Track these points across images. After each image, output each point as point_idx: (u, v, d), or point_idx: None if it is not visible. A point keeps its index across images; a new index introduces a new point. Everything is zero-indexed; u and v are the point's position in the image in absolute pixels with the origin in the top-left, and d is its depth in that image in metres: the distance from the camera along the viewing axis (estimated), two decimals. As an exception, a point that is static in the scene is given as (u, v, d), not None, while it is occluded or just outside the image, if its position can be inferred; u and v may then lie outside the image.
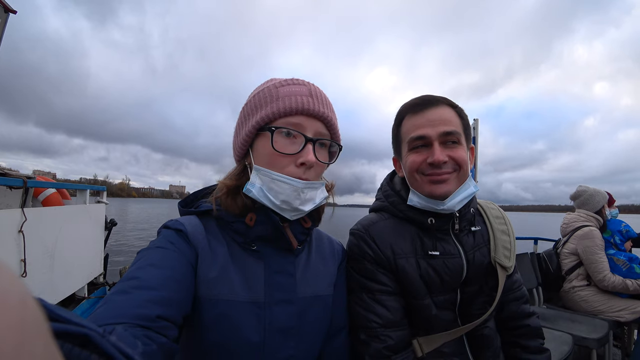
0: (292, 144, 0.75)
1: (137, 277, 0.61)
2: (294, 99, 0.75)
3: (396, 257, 0.94)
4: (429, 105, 0.93)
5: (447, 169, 0.91)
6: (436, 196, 0.91)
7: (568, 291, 2.64)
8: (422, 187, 0.94)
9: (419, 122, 0.93)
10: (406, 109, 0.98)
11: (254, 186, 0.75)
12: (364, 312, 0.92)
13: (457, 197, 0.93)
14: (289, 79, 0.80)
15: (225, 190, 0.78)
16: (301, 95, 0.76)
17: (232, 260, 0.75)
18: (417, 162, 0.93)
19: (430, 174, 0.91)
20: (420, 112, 0.94)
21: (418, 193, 0.95)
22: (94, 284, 3.22)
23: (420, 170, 0.93)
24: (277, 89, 0.77)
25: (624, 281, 2.38)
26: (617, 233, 2.62)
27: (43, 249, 2.28)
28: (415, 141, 0.93)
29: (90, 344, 0.28)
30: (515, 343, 1.06)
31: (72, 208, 2.84)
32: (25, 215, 2.01)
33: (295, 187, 0.74)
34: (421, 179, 0.94)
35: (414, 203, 0.96)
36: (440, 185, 0.91)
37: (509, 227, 1.07)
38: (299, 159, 0.74)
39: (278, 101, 0.75)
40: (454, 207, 0.93)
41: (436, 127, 0.91)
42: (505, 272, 0.99)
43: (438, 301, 0.95)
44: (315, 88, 0.80)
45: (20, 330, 0.14)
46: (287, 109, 0.74)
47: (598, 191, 2.70)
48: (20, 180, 2.01)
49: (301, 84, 0.79)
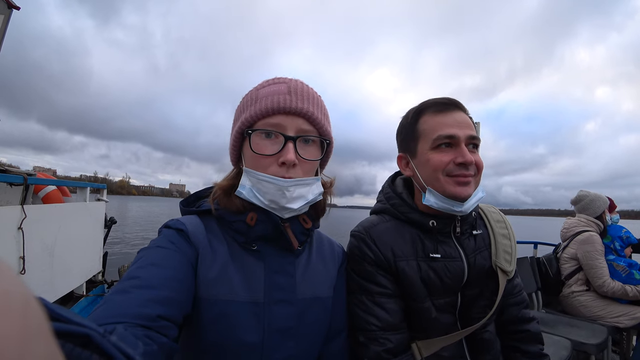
0: (273, 144, 0.75)
1: (138, 277, 0.61)
2: (270, 99, 0.75)
3: (397, 259, 0.94)
4: (456, 107, 0.94)
5: (471, 172, 0.91)
6: (459, 198, 0.90)
7: (567, 296, 2.63)
8: (446, 187, 0.91)
9: (447, 122, 0.92)
10: (430, 105, 0.97)
11: (244, 187, 0.76)
12: (364, 314, 0.91)
13: (472, 200, 0.93)
14: (271, 79, 0.80)
15: (221, 191, 0.79)
16: (278, 94, 0.75)
17: (232, 260, 0.76)
18: (444, 162, 0.91)
19: (458, 175, 0.91)
20: (448, 112, 0.94)
21: (437, 193, 0.93)
22: (92, 282, 3.22)
23: (447, 171, 0.91)
24: (257, 91, 0.78)
25: (623, 287, 2.38)
26: (618, 239, 2.62)
27: (42, 246, 2.27)
28: (444, 139, 0.92)
29: (91, 344, 0.28)
30: (515, 348, 1.05)
31: (72, 205, 2.84)
32: (25, 212, 2.00)
33: (279, 186, 0.73)
34: (445, 180, 0.92)
35: (431, 203, 0.94)
36: (465, 187, 0.91)
37: (510, 232, 1.07)
38: (280, 159, 0.74)
39: (256, 103, 0.76)
40: (468, 209, 0.93)
41: (464, 130, 0.91)
42: (506, 276, 0.99)
43: (438, 304, 0.95)
44: (296, 84, 0.78)
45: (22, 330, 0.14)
46: (263, 110, 0.74)
47: (599, 196, 2.70)
48: (21, 177, 2.01)
49: (281, 82, 0.78)
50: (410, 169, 1.01)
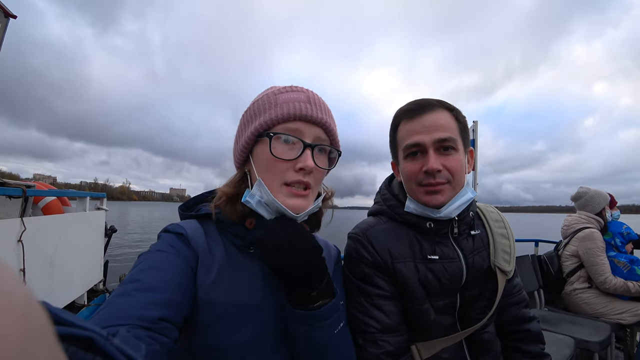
0: (291, 150, 0.75)
1: (139, 280, 0.62)
2: (292, 105, 0.75)
3: (394, 261, 0.94)
4: (424, 110, 0.92)
5: (440, 179, 0.90)
6: (431, 206, 0.92)
7: (569, 293, 2.63)
8: (418, 196, 0.94)
9: (413, 128, 0.93)
10: (401, 114, 0.97)
11: (254, 197, 0.76)
12: (362, 316, 0.91)
13: (454, 204, 0.92)
14: (288, 86, 0.81)
15: (225, 198, 0.79)
16: (299, 102, 0.76)
17: (230, 263, 0.76)
18: (413, 172, 0.93)
19: (426, 184, 0.91)
20: (416, 118, 0.93)
21: (414, 200, 0.96)
22: (93, 291, 3.22)
23: (418, 180, 0.93)
24: (275, 96, 0.78)
25: (625, 283, 2.37)
26: (618, 235, 2.61)
27: (42, 258, 2.27)
28: (411, 148, 0.93)
29: (94, 347, 0.29)
30: (515, 348, 1.05)
31: (71, 216, 2.84)
32: (25, 225, 2.01)
33: (290, 215, 0.75)
34: (417, 189, 0.94)
35: (411, 210, 0.96)
36: (435, 196, 0.91)
37: (509, 231, 1.07)
38: (298, 164, 0.74)
39: (277, 107, 0.76)
40: (450, 214, 0.93)
41: (431, 134, 0.90)
42: (505, 276, 0.99)
43: (437, 306, 0.95)
44: (313, 95, 0.80)
45: (23, 331, 0.14)
46: (285, 115, 0.75)
47: (599, 193, 2.69)
48: (20, 189, 2.02)
49: (300, 91, 0.79)
50: (399, 175, 1.04)
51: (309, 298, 0.70)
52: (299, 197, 0.75)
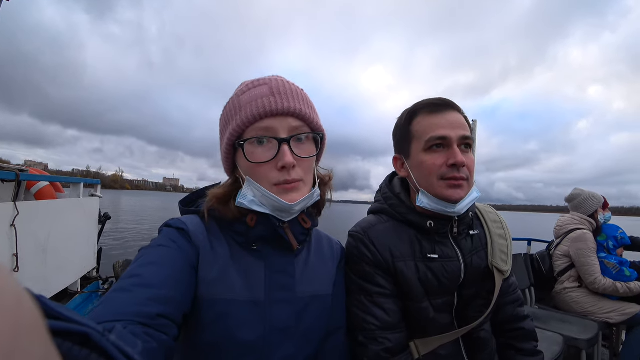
0: (268, 150, 0.73)
1: (138, 275, 0.61)
2: (254, 104, 0.72)
3: (395, 260, 0.94)
4: (449, 108, 0.94)
5: (463, 174, 0.91)
6: (452, 200, 0.91)
7: (560, 292, 2.68)
8: (438, 190, 0.92)
9: (439, 123, 0.92)
10: (422, 107, 0.96)
11: (246, 197, 0.75)
12: (362, 314, 0.92)
13: (466, 201, 0.93)
14: (251, 82, 0.77)
15: (215, 200, 0.77)
16: (262, 97, 0.73)
17: (232, 260, 0.76)
18: (437, 165, 0.91)
19: (451, 177, 0.90)
20: (440, 113, 0.93)
21: (429, 195, 0.94)
22: (87, 279, 3.20)
23: (440, 174, 0.91)
24: (239, 98, 0.75)
25: (614, 284, 2.42)
26: (612, 239, 2.66)
27: (36, 244, 2.25)
28: (435, 141, 0.92)
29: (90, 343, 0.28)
30: (510, 345, 1.07)
31: (65, 202, 2.81)
32: (18, 209, 1.98)
33: (284, 206, 0.73)
34: (438, 183, 0.92)
35: (424, 204, 0.94)
36: (457, 190, 0.91)
37: (506, 232, 1.08)
38: (279, 163, 0.72)
39: (241, 111, 0.73)
40: (461, 210, 0.93)
41: (456, 130, 0.91)
42: (502, 275, 1.00)
43: (436, 304, 0.95)
44: (277, 83, 0.75)
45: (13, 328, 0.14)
46: (250, 117, 0.72)
47: (593, 195, 2.73)
48: (13, 173, 1.98)
49: (262, 84, 0.75)
50: (405, 170, 1.01)
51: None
52: (290, 192, 0.74)
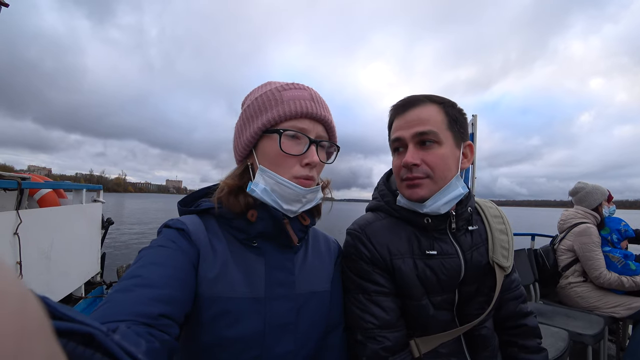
0: (297, 145, 0.79)
1: (140, 275, 0.61)
2: (298, 102, 0.78)
3: (392, 257, 0.94)
4: (410, 106, 0.94)
5: (418, 174, 0.91)
6: (413, 200, 0.94)
7: (564, 287, 2.66)
8: (402, 191, 0.97)
9: (398, 124, 0.95)
10: (391, 111, 1.00)
11: (258, 186, 0.78)
12: (361, 312, 0.92)
13: (441, 199, 0.91)
14: (290, 83, 0.83)
15: (227, 189, 0.80)
16: (304, 100, 0.80)
17: (232, 257, 0.77)
18: (397, 166, 0.96)
19: (406, 178, 0.93)
20: (401, 114, 0.95)
21: (402, 195, 0.98)
22: (91, 284, 3.22)
23: (400, 175, 0.95)
24: (280, 93, 0.80)
25: (619, 278, 2.40)
26: (616, 232, 2.64)
27: (39, 251, 2.26)
28: (394, 143, 0.96)
29: (94, 343, 0.28)
30: (513, 342, 1.06)
31: (68, 208, 2.82)
32: (21, 218, 1.99)
33: (297, 193, 0.78)
34: (401, 184, 0.96)
35: (402, 204, 0.98)
36: (415, 190, 0.92)
37: (507, 227, 1.06)
38: (305, 160, 0.78)
39: (283, 104, 0.78)
40: (438, 209, 0.92)
41: (411, 128, 0.91)
42: (504, 272, 0.99)
43: (435, 301, 0.95)
44: (315, 92, 0.83)
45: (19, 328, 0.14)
46: (292, 112, 0.78)
47: (597, 188, 2.70)
48: (15, 182, 1.99)
49: (302, 89, 0.82)
50: None
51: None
52: (305, 186, 0.80)
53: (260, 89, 0.84)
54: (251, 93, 0.87)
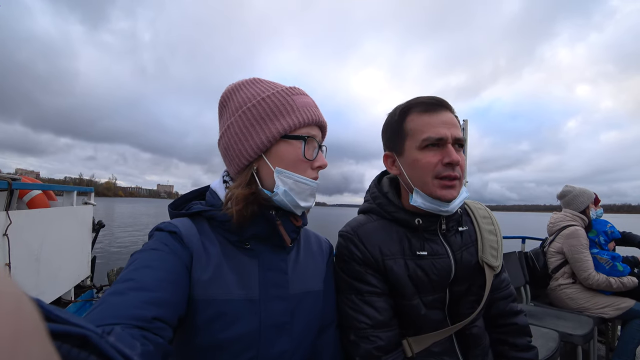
0: (311, 150, 0.83)
1: (133, 279, 0.61)
2: (309, 110, 0.82)
3: (384, 258, 0.95)
4: (442, 107, 0.94)
5: (456, 173, 0.92)
6: (446, 200, 0.91)
7: (554, 289, 2.69)
8: (433, 190, 0.92)
9: (435, 122, 0.92)
10: (417, 105, 0.96)
11: (279, 189, 0.77)
12: (354, 313, 0.93)
13: (458, 200, 0.94)
14: (291, 88, 0.83)
15: (244, 201, 0.76)
16: (313, 107, 0.84)
17: (225, 259, 0.77)
18: (432, 163, 0.91)
19: (445, 176, 0.91)
20: (435, 113, 0.93)
21: (423, 194, 0.94)
22: (81, 287, 3.16)
23: (436, 172, 0.91)
24: (291, 98, 0.80)
25: (607, 279, 2.44)
26: (603, 234, 2.69)
27: (28, 253, 2.23)
28: (432, 141, 0.92)
29: (89, 345, 0.28)
30: (503, 341, 1.08)
31: (58, 210, 2.78)
32: (10, 218, 1.96)
33: (312, 188, 0.82)
34: (433, 182, 0.92)
35: (418, 204, 0.94)
36: (451, 190, 0.92)
37: (496, 227, 1.09)
38: (316, 163, 0.83)
39: (300, 112, 0.80)
40: (454, 209, 0.94)
41: (451, 130, 0.91)
42: (493, 271, 1.01)
43: (427, 301, 0.96)
44: (313, 100, 0.87)
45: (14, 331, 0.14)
46: (307, 119, 0.80)
47: (584, 191, 2.75)
48: (5, 182, 1.96)
49: (306, 95, 0.85)
50: (396, 167, 1.01)
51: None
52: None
53: (264, 91, 0.82)
54: (237, 89, 0.84)
